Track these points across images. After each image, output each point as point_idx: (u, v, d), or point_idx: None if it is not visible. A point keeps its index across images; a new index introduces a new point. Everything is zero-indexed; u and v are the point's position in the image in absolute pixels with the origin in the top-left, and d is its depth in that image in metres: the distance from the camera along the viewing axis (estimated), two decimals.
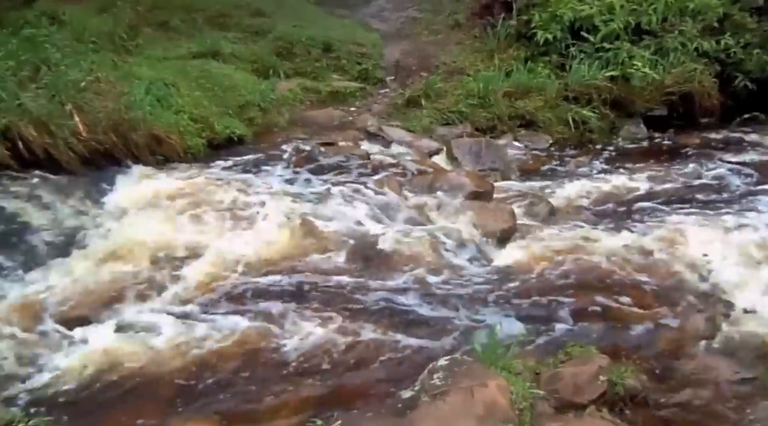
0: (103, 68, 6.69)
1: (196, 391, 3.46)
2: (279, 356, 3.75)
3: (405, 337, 3.89)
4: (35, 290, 4.13)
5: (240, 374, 3.60)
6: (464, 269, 4.74)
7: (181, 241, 4.94)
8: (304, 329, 3.99)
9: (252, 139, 7.27)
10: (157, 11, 8.81)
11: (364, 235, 5.13)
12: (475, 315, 4.14)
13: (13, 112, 5.63)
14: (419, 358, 3.65)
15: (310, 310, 4.21)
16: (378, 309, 4.25)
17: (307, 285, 4.51)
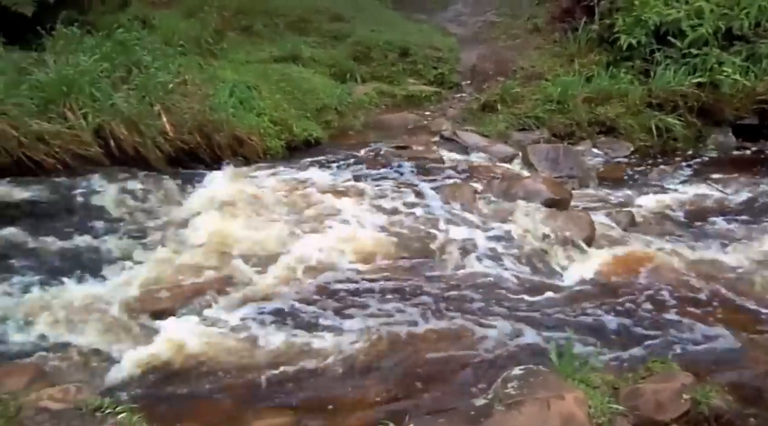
0: (190, 71, 6.97)
1: (270, 386, 3.53)
2: (351, 356, 3.77)
3: (477, 343, 3.85)
4: (123, 282, 4.32)
5: (312, 371, 3.65)
6: (539, 278, 4.65)
7: (260, 240, 5.06)
8: (376, 331, 4.01)
9: (328, 141, 7.43)
10: (241, 16, 9.09)
11: (436, 239, 5.11)
12: (551, 325, 4.04)
13: (106, 111, 5.95)
14: (492, 366, 3.60)
15: (383, 311, 4.23)
16: (450, 314, 4.22)
17: (381, 287, 4.54)
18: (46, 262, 4.35)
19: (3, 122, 5.44)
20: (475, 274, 4.67)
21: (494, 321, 4.09)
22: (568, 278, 4.68)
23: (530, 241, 5.00)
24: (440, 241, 5.06)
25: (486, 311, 4.22)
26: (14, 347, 3.51)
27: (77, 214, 5.02)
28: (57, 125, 5.69)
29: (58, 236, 4.62)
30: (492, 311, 4.22)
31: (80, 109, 5.84)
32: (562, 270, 4.80)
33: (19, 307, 3.86)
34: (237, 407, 3.33)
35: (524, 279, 4.63)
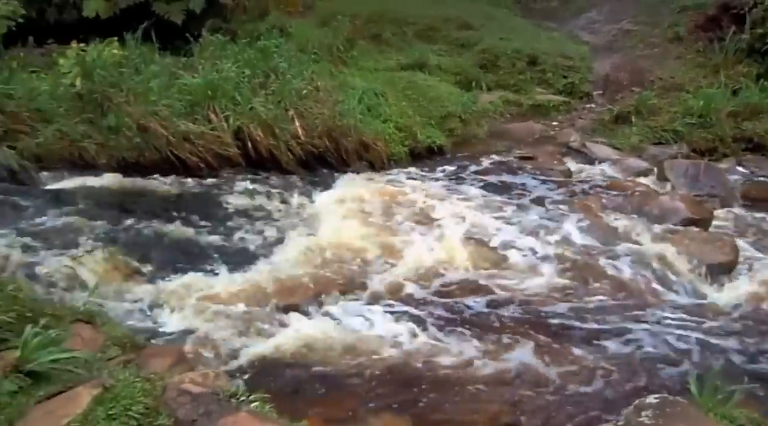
0: (322, 77, 7.21)
1: (388, 388, 3.55)
2: (470, 368, 3.72)
3: (606, 365, 3.67)
4: (256, 276, 4.53)
5: (431, 379, 3.62)
6: (675, 302, 4.36)
7: (382, 242, 5.14)
8: (496, 344, 3.93)
9: (451, 149, 7.41)
10: (372, 25, 9.31)
11: (561, 254, 4.94)
12: (688, 353, 3.77)
13: (245, 115, 6.29)
14: (623, 391, 3.41)
15: (504, 325, 4.15)
16: (575, 333, 4.06)
17: (499, 300, 4.46)
18: (187, 253, 4.65)
19: (155, 122, 5.90)
20: (601, 293, 4.45)
21: (624, 344, 3.88)
22: (707, 305, 4.35)
23: (665, 262, 4.70)
24: (564, 257, 4.88)
25: (613, 332, 4.01)
26: (159, 331, 3.77)
27: (216, 210, 5.33)
28: (201, 126, 6.09)
29: (199, 230, 4.92)
30: (621, 333, 4.00)
31: (222, 112, 6.21)
32: (701, 296, 4.47)
33: (163, 294, 4.15)
34: (358, 406, 3.38)
35: (657, 302, 4.36)
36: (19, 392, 2.30)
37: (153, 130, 5.89)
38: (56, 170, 5.49)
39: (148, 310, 3.98)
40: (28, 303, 2.98)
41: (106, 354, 2.97)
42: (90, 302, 3.39)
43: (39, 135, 5.58)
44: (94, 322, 3.22)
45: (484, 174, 6.67)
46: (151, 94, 6.09)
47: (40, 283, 3.77)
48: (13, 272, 3.74)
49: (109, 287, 4.00)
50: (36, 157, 5.49)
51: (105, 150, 5.75)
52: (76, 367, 2.55)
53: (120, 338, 3.21)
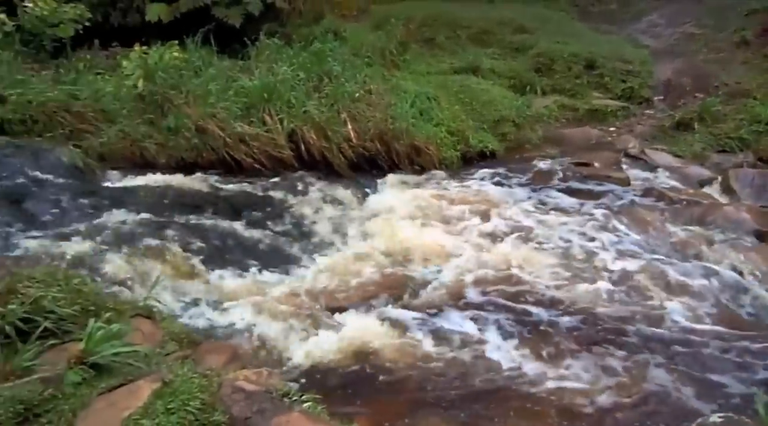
0: (375, 81, 7.23)
1: (438, 392, 3.52)
2: (523, 376, 3.65)
3: (668, 380, 3.54)
4: (307, 276, 4.58)
5: (482, 386, 3.57)
6: (743, 319, 4.18)
7: (431, 247, 5.12)
8: (550, 353, 3.85)
9: (503, 154, 7.31)
10: (425, 28, 9.30)
11: (617, 264, 4.81)
12: (754, 372, 3.61)
13: (299, 117, 6.37)
14: (685, 408, 3.28)
15: (558, 335, 4.05)
16: (632, 345, 3.93)
17: (552, 308, 4.36)
18: (241, 252, 4.73)
19: (212, 123, 6.04)
20: (657, 305, 4.31)
21: (686, 359, 3.74)
22: None
23: (730, 276, 4.52)
24: (620, 267, 4.75)
25: (674, 347, 3.87)
26: (213, 328, 3.85)
27: (269, 210, 5.40)
28: (256, 128, 6.19)
29: (253, 230, 5.00)
30: (681, 347, 3.86)
31: (277, 115, 6.31)
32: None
33: (218, 291, 4.23)
34: (408, 410, 3.36)
35: (720, 317, 4.18)
36: (82, 383, 2.37)
37: (210, 132, 6.03)
38: (119, 169, 5.68)
39: (203, 307, 4.06)
40: (92, 297, 3.07)
41: (165, 349, 3.04)
42: (149, 298, 3.47)
43: (103, 134, 5.79)
44: (153, 317, 3.30)
45: (538, 180, 6.55)
46: (209, 97, 6.24)
47: (103, 278, 3.89)
48: (77, 266, 3.87)
49: (167, 284, 4.09)
50: (100, 156, 5.70)
51: (164, 150, 5.92)
52: (136, 361, 2.61)
53: (177, 334, 3.28)
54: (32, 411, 2.17)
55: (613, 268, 4.75)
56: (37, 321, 2.75)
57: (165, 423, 2.19)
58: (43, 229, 4.41)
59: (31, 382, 2.26)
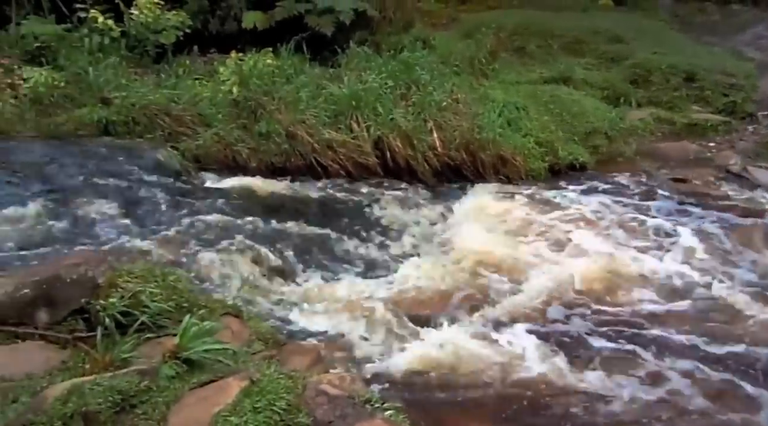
0: (462, 90, 7.18)
1: (516, 408, 3.44)
2: (602, 400, 3.51)
3: None
4: (389, 283, 4.58)
5: (561, 405, 3.46)
6: None
7: (517, 259, 5.03)
8: (631, 378, 3.68)
9: (594, 167, 7.08)
10: (516, 37, 9.16)
11: (712, 289, 4.56)
12: None
13: (386, 125, 6.40)
14: None
15: (643, 361, 3.87)
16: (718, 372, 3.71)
17: (639, 332, 4.18)
18: (327, 257, 4.80)
19: (302, 129, 6.17)
20: (746, 332, 4.05)
21: None
22: None
23: None
24: (715, 292, 4.49)
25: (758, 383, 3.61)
26: (297, 329, 3.91)
27: (354, 216, 5.46)
28: (344, 135, 6.28)
29: (337, 234, 5.06)
30: None
31: (364, 122, 6.37)
32: None
33: (302, 293, 4.31)
34: (485, 423, 3.29)
35: None
36: (176, 377, 2.45)
37: (300, 137, 6.16)
38: (212, 171, 5.90)
39: (287, 308, 4.13)
40: (185, 294, 3.19)
41: (251, 348, 3.11)
42: (238, 297, 3.57)
43: (199, 137, 6.04)
44: (241, 316, 3.39)
45: (630, 195, 6.30)
46: (299, 103, 6.39)
47: (194, 276, 4.04)
48: (172, 263, 4.04)
49: (254, 284, 4.20)
50: (195, 158, 5.94)
51: (256, 154, 6.10)
52: (225, 359, 2.68)
53: (264, 334, 3.35)
54: (129, 401, 2.26)
55: (705, 291, 4.50)
56: (134, 315, 2.88)
57: (252, 421, 2.23)
58: (141, 226, 4.63)
59: (128, 374, 2.36)
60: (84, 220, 4.43)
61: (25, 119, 5.92)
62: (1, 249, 3.85)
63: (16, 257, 3.77)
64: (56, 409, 2.10)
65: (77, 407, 2.12)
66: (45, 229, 4.21)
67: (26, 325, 2.79)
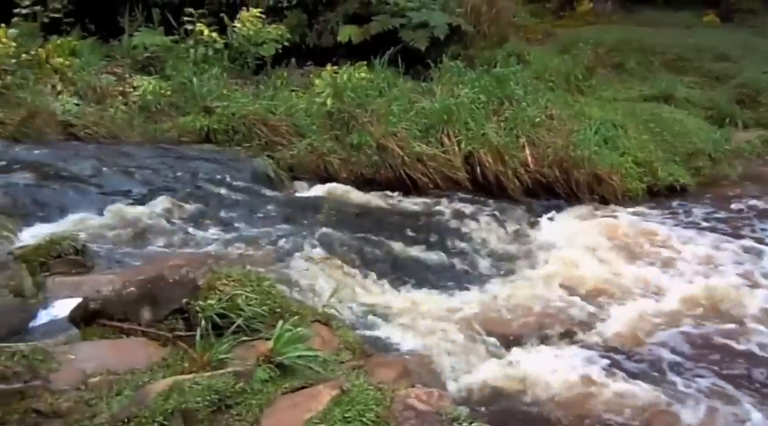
0: (557, 106, 7.04)
1: None
2: None
3: None
4: (474, 300, 4.50)
5: None
6: None
7: (610, 283, 4.85)
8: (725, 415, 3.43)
9: (696, 189, 6.78)
10: (615, 53, 8.91)
11: None
12: None
13: (477, 140, 6.36)
14: None
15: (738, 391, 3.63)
16: None
17: (742, 364, 3.94)
18: (414, 270, 4.77)
19: (393, 142, 6.22)
20: None
21: None
22: None
23: None
24: None
25: None
26: (383, 341, 3.90)
27: (443, 230, 5.41)
28: (434, 149, 6.28)
29: (426, 248, 5.03)
30: None
31: (455, 136, 6.35)
32: None
33: (389, 305, 4.29)
34: None
35: None
36: (269, 381, 2.49)
37: (390, 150, 6.21)
38: (305, 180, 6.04)
39: (374, 319, 4.13)
40: (279, 299, 3.23)
41: (340, 357, 3.12)
42: (326, 305, 3.61)
43: (294, 147, 6.20)
44: (330, 324, 3.41)
45: (734, 220, 5.98)
46: (391, 116, 6.45)
47: (286, 282, 4.12)
48: (264, 269, 4.14)
49: (342, 293, 4.23)
50: (289, 167, 6.10)
51: (347, 165, 6.19)
52: (316, 366, 2.70)
53: (351, 343, 3.35)
54: (225, 402, 2.31)
55: None
56: (230, 317, 2.94)
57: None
58: (236, 230, 4.78)
59: (225, 375, 2.41)
60: (184, 223, 4.61)
61: (134, 125, 6.28)
62: (108, 247, 4.07)
63: (123, 255, 3.97)
64: (158, 404, 2.18)
65: (177, 404, 2.18)
66: (149, 230, 4.41)
67: (131, 322, 2.91)
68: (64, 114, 5.95)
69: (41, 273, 3.35)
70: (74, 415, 2.18)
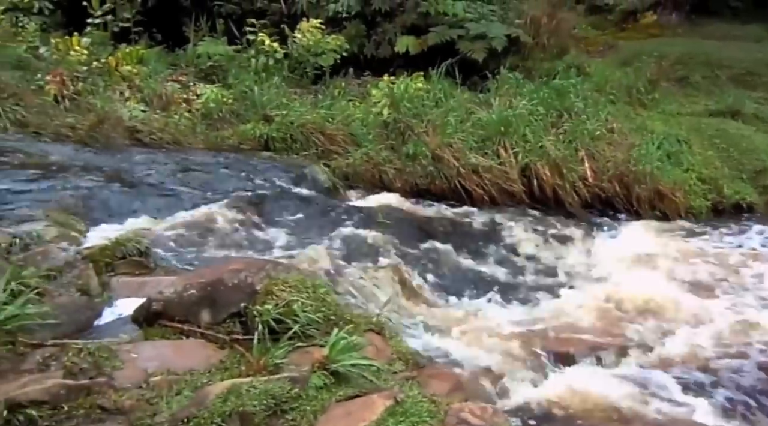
0: (618, 119, 6.90)
1: None
2: None
3: None
4: (528, 316, 4.43)
5: None
6: None
7: (671, 303, 4.67)
8: None
9: (764, 208, 6.51)
10: (679, 67, 8.65)
11: None
12: None
13: (534, 152, 6.27)
14: None
15: None
16: None
17: None
18: (468, 282, 4.74)
19: (448, 153, 6.19)
20: None
21: None
22: None
23: None
24: None
25: None
26: (435, 353, 3.85)
27: (497, 243, 5.36)
28: (490, 161, 6.23)
29: (480, 261, 5.00)
30: None
31: (512, 149, 6.28)
32: None
33: (441, 317, 4.26)
34: None
35: None
36: (323, 388, 2.50)
37: (446, 161, 6.19)
38: (359, 189, 6.08)
39: (426, 330, 4.11)
40: (333, 307, 3.25)
41: (392, 367, 3.10)
42: (380, 314, 3.60)
43: (349, 156, 6.25)
44: (383, 333, 3.40)
45: None
46: (447, 127, 6.43)
47: (339, 290, 4.14)
48: (319, 276, 4.17)
49: (395, 302, 4.23)
50: (344, 176, 6.16)
51: (401, 175, 6.20)
52: (370, 375, 2.70)
53: (404, 353, 3.33)
54: (280, 406, 2.33)
55: None
56: (286, 323, 2.98)
57: None
58: (293, 237, 4.83)
59: (281, 380, 2.43)
60: (243, 228, 4.69)
61: (196, 132, 6.45)
62: (170, 249, 4.18)
63: (183, 258, 4.07)
64: (216, 406, 2.21)
65: (235, 407, 2.21)
66: (209, 233, 4.51)
67: (190, 324, 2.97)
68: (131, 120, 6.17)
69: (106, 273, 3.46)
70: (136, 413, 2.24)
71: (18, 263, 3.01)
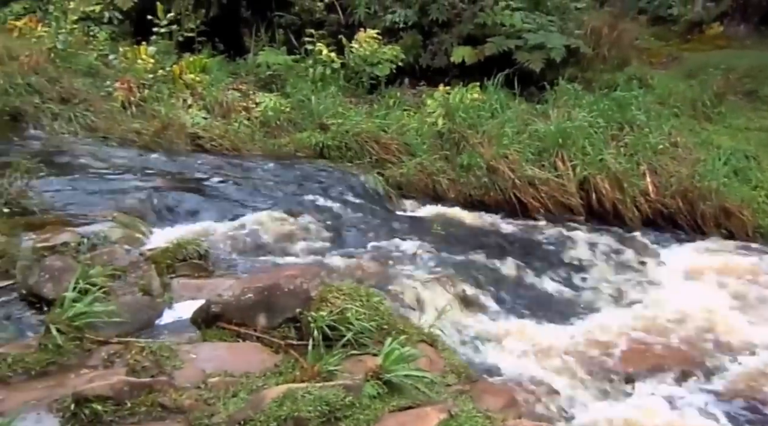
0: (682, 133, 6.70)
1: None
2: None
3: None
4: (586, 333, 4.29)
5: None
6: None
7: (735, 327, 4.48)
8: None
9: None
10: (747, 80, 8.32)
11: None
12: None
13: (593, 165, 6.14)
14: None
15: None
16: None
17: None
18: (524, 296, 4.64)
19: (504, 164, 6.13)
20: None
21: None
22: None
23: None
24: None
25: None
26: (488, 367, 3.80)
27: (555, 257, 5.25)
28: (547, 173, 6.13)
29: (536, 274, 4.89)
30: None
31: (570, 161, 6.16)
32: None
33: (496, 330, 4.18)
34: None
35: None
36: (377, 397, 2.49)
37: (501, 172, 6.12)
38: (413, 198, 6.07)
39: (480, 343, 4.05)
40: (386, 316, 3.24)
41: (445, 379, 3.07)
42: (433, 325, 3.57)
43: (403, 166, 6.25)
44: (436, 345, 3.37)
45: None
46: (503, 138, 6.37)
47: (392, 299, 4.12)
48: (372, 284, 4.17)
49: (448, 314, 4.18)
50: (398, 185, 6.16)
51: (455, 185, 6.17)
52: (423, 387, 2.67)
53: (457, 366, 3.29)
54: (334, 413, 2.33)
55: None
56: (340, 330, 2.98)
57: None
58: (346, 245, 4.86)
59: (335, 387, 2.43)
60: (298, 234, 4.74)
61: (255, 139, 6.58)
62: (229, 253, 4.26)
63: (241, 262, 4.14)
64: (272, 410, 2.23)
65: (290, 411, 2.22)
66: (265, 239, 4.57)
67: (247, 327, 3.01)
68: (193, 126, 6.34)
69: (167, 274, 3.55)
70: (195, 413, 2.28)
71: (86, 262, 3.11)
